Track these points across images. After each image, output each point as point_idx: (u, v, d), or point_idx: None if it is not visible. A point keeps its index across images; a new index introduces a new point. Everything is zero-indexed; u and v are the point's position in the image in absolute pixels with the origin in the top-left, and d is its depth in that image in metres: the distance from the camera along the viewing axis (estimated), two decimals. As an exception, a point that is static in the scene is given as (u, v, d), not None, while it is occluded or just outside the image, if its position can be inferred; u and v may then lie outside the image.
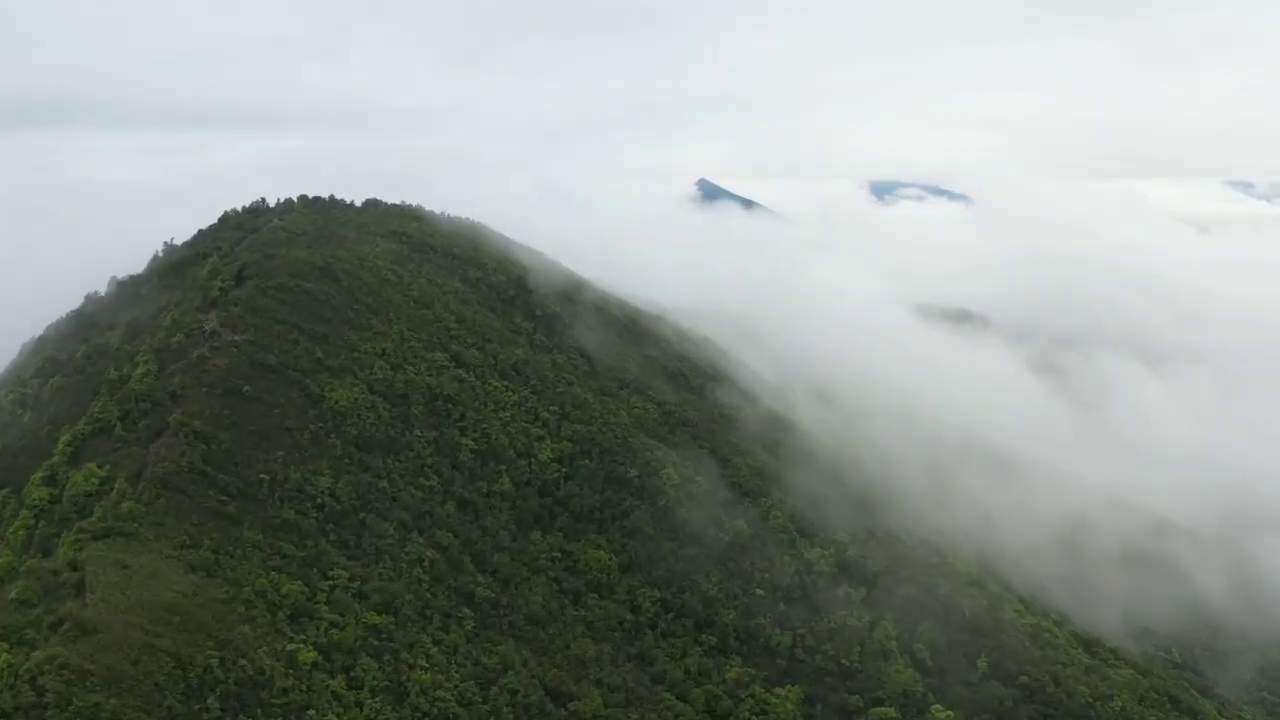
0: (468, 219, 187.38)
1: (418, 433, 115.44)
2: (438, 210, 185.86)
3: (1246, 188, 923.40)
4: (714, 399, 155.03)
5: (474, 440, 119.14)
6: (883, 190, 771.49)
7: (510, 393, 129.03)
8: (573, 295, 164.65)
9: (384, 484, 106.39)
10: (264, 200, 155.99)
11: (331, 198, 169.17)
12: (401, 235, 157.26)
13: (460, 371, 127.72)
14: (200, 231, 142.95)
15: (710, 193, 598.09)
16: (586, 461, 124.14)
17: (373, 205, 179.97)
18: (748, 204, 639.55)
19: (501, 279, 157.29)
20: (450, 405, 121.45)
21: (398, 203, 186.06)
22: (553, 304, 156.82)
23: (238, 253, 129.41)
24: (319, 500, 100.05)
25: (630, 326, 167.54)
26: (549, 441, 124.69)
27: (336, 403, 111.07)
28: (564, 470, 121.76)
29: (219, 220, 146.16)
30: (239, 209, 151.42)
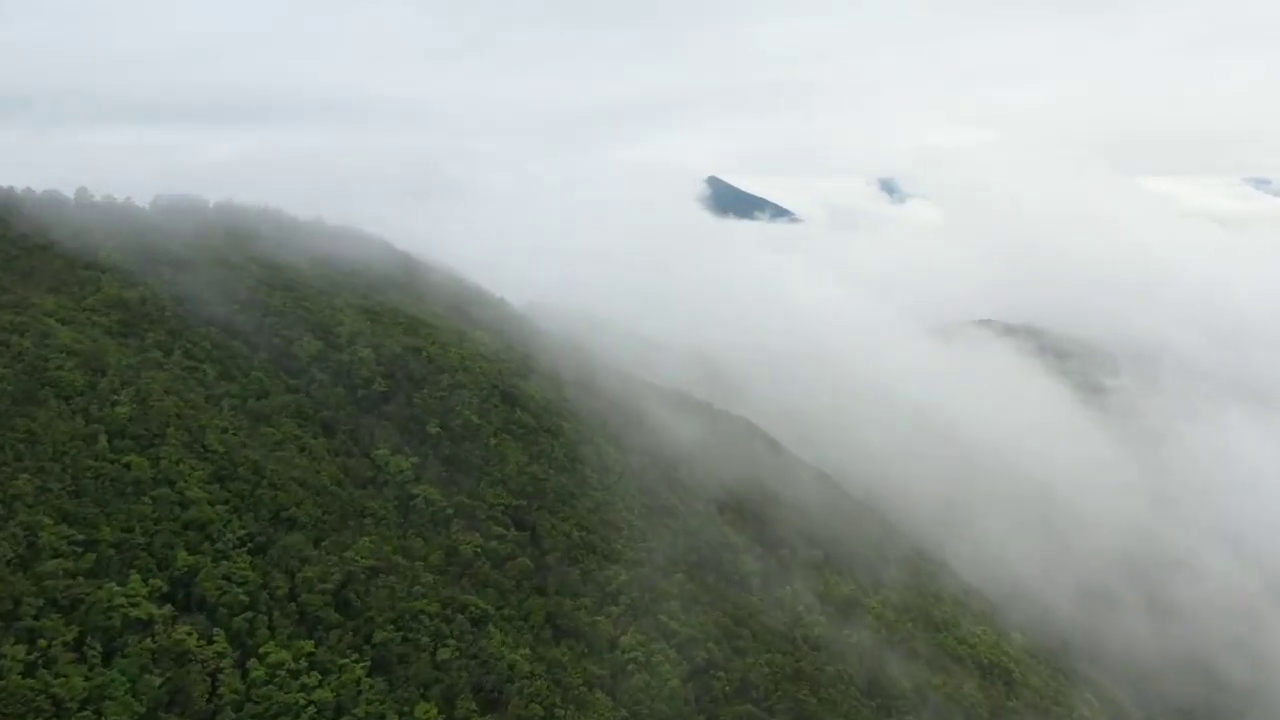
0: (347, 228, 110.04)
1: None
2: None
3: (1262, 184, 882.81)
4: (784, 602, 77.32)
5: None
6: (894, 187, 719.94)
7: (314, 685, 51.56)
8: (515, 383, 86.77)
9: None
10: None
11: (80, 192, 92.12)
12: (175, 264, 79.60)
13: (191, 633, 50.22)
14: None
15: (720, 191, 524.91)
16: None
17: (180, 205, 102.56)
18: (759, 202, 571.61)
19: (368, 356, 79.56)
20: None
21: (232, 202, 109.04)
22: (471, 405, 79.00)
23: None
24: None
25: (618, 432, 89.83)
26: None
27: None
28: None
29: None
30: None
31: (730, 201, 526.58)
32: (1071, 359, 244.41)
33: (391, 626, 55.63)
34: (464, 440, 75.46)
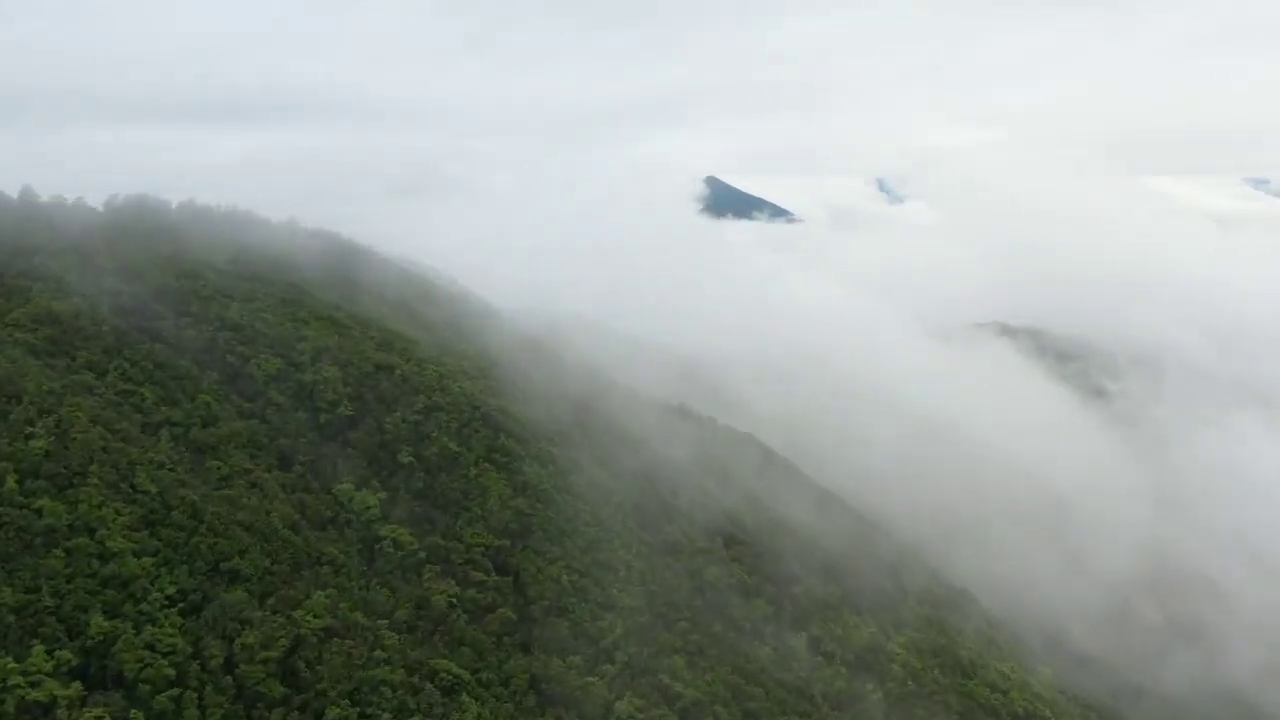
0: (321, 230, 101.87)
1: None
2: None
3: (1262, 184, 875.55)
4: None
5: None
6: (893, 188, 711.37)
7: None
8: (499, 403, 78.60)
9: None
10: None
11: (24, 191, 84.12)
12: (121, 272, 71.50)
13: None
14: None
15: (718, 191, 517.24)
16: None
17: (137, 206, 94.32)
18: (757, 202, 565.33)
19: (333, 375, 71.35)
20: None
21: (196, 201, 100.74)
22: (450, 430, 70.84)
23: None
24: None
25: (613, 455, 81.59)
26: None
27: None
28: None
29: None
30: None
31: (729, 201, 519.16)
32: (1072, 361, 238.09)
33: (347, 701, 47.46)
34: (440, 471, 67.30)
